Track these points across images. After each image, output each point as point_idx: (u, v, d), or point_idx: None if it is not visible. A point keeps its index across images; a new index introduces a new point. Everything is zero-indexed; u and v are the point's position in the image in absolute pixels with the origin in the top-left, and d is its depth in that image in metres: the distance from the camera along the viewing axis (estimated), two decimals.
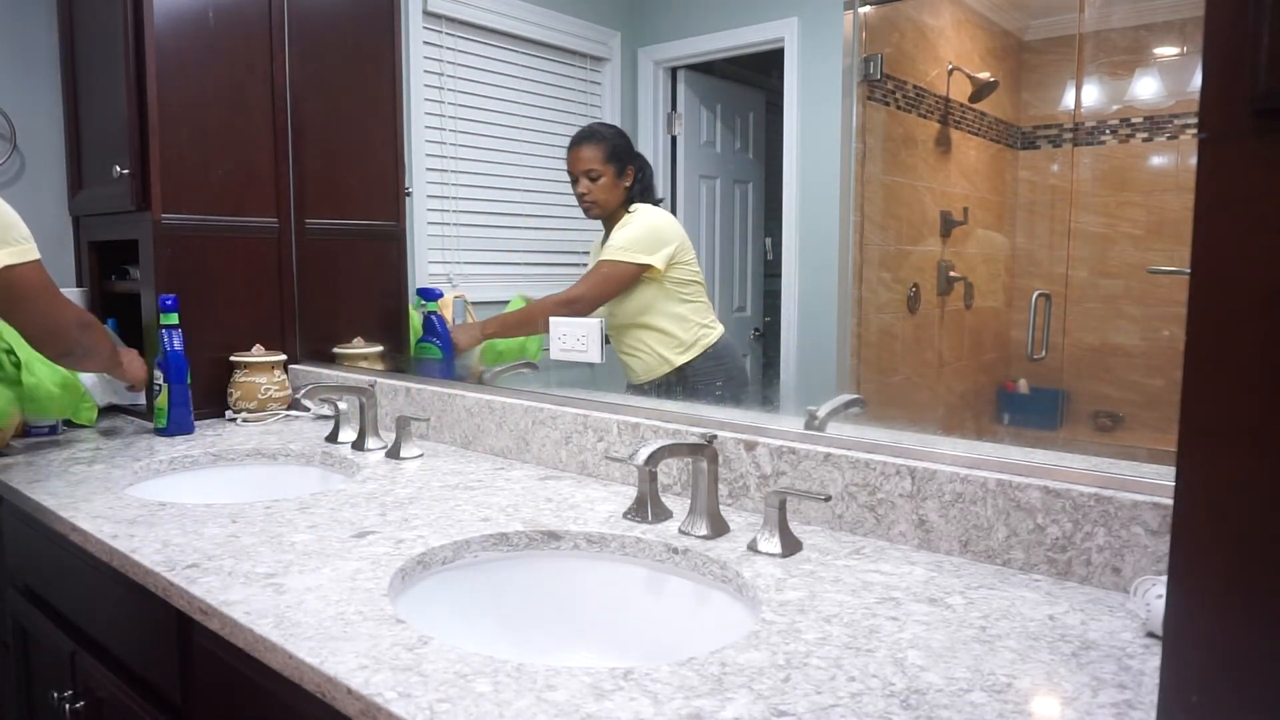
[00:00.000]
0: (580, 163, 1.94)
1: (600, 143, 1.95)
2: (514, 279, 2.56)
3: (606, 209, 1.93)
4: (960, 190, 1.84)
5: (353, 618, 0.93)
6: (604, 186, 1.92)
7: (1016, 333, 1.66)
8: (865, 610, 0.95)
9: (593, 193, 1.92)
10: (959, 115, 1.81)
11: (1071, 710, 0.75)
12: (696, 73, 2.69)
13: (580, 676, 0.80)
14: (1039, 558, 1.06)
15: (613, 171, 1.92)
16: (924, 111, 1.82)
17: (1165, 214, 1.59)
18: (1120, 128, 1.64)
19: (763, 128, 2.90)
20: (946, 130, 1.81)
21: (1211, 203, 0.46)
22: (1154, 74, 1.62)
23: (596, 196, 1.92)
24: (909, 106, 1.81)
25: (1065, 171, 1.70)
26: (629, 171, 1.95)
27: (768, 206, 2.93)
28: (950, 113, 1.81)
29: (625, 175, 1.94)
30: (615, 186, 1.93)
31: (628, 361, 1.93)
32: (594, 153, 1.93)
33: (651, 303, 1.87)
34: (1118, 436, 1.55)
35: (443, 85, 2.34)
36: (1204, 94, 0.45)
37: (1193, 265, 0.46)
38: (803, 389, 1.79)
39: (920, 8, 1.90)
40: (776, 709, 0.74)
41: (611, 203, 1.92)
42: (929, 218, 1.84)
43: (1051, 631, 0.90)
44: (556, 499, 1.39)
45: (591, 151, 1.94)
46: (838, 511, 1.23)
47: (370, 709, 0.77)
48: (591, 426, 1.54)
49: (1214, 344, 0.46)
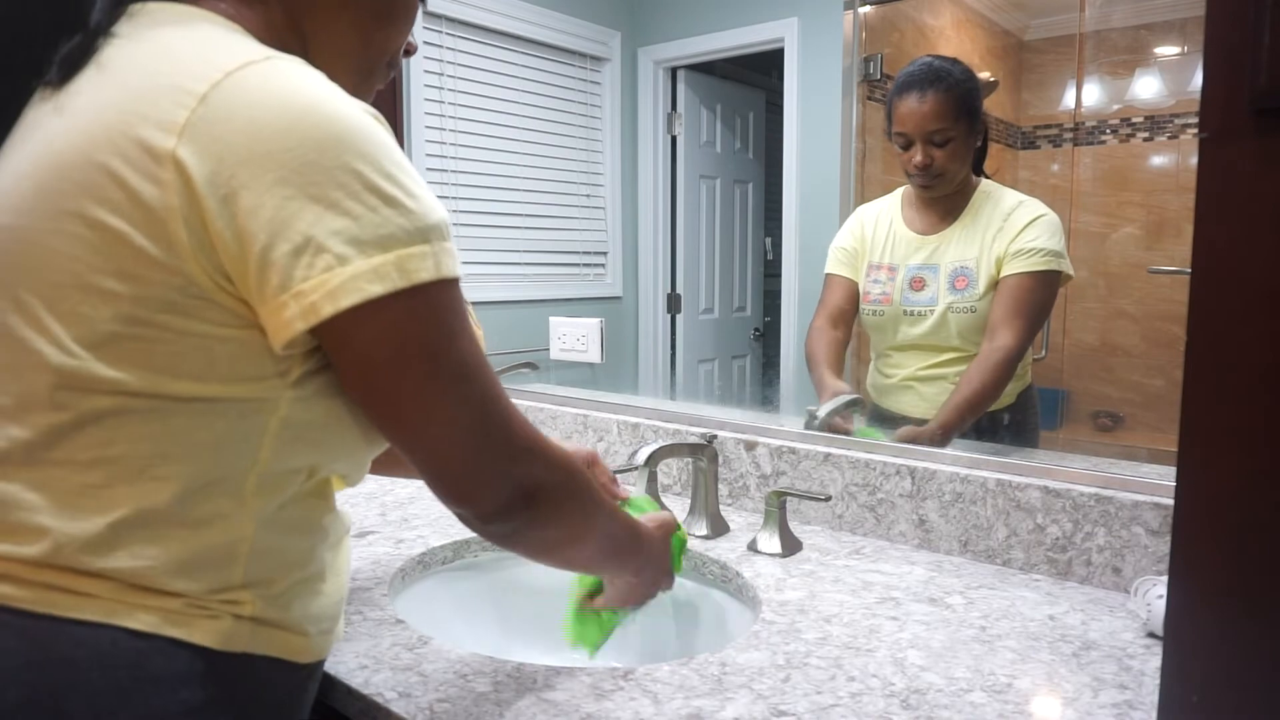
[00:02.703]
0: (920, 120, 1.32)
1: (951, 90, 1.32)
2: (514, 279, 2.56)
3: (953, 184, 1.35)
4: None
5: (353, 617, 0.93)
6: (955, 154, 1.32)
7: None
8: (865, 610, 0.95)
9: (939, 162, 1.32)
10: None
11: (1072, 710, 0.75)
12: (696, 73, 2.70)
13: (580, 676, 0.80)
14: (1039, 558, 1.06)
15: (964, 130, 1.32)
16: None
17: (1165, 214, 1.59)
18: (1120, 127, 1.64)
19: (763, 128, 2.91)
20: None
21: (1211, 203, 0.46)
22: (1154, 74, 1.62)
23: (945, 167, 1.32)
24: None
25: (1065, 171, 1.70)
26: (980, 126, 1.36)
27: (768, 206, 2.93)
28: None
29: (976, 132, 1.35)
30: (967, 152, 1.34)
31: (922, 392, 1.39)
32: (944, 105, 1.31)
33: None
34: (1118, 436, 1.55)
35: (443, 85, 2.34)
36: (1204, 94, 0.45)
37: (1193, 265, 0.46)
38: (803, 389, 1.79)
39: (920, 8, 1.90)
40: (776, 709, 0.74)
41: (960, 175, 1.35)
42: None
43: (1052, 631, 0.90)
44: None
45: (940, 103, 1.31)
46: (838, 511, 1.23)
47: (370, 709, 0.77)
48: (591, 426, 1.54)
49: (1214, 344, 0.46)
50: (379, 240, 0.53)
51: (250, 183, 0.51)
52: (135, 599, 0.56)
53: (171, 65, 0.55)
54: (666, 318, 2.71)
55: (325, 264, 0.52)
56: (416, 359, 0.56)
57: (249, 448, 0.58)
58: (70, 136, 0.55)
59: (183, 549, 0.57)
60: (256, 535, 0.59)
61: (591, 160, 2.72)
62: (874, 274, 1.42)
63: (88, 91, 0.57)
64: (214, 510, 0.57)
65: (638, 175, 2.74)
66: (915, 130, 1.32)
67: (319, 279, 0.52)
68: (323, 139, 0.53)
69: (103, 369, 0.54)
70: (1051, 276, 1.28)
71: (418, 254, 0.54)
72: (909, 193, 1.41)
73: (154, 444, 0.56)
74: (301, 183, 0.52)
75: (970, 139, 1.34)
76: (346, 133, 0.53)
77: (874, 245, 1.43)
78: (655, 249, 2.74)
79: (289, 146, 0.52)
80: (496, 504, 0.61)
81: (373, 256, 0.53)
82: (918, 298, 1.36)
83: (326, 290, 0.52)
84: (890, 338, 1.41)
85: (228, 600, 0.58)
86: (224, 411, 0.57)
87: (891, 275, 1.39)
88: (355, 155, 0.53)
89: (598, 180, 2.74)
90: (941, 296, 1.34)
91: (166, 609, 0.56)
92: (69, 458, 0.55)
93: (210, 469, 0.57)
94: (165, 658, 0.56)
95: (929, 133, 1.31)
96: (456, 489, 0.60)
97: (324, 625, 0.66)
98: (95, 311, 0.53)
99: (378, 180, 0.54)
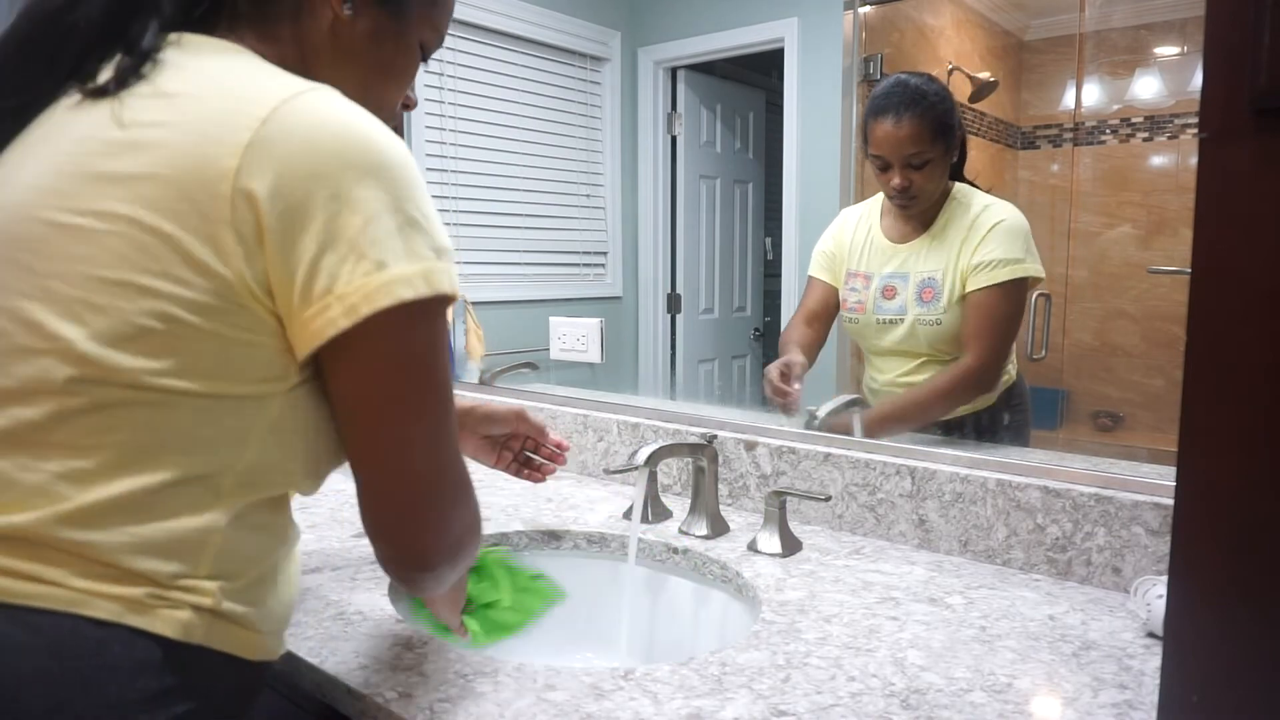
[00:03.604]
0: (897, 145, 1.31)
1: (927, 113, 1.31)
2: (514, 279, 2.56)
3: (930, 200, 1.36)
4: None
5: (353, 617, 0.93)
6: (932, 174, 1.32)
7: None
8: (865, 610, 0.95)
9: (917, 184, 1.32)
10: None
11: (1072, 710, 0.75)
12: (696, 73, 2.70)
13: (580, 676, 0.80)
14: (1039, 558, 1.06)
15: (942, 149, 1.32)
16: None
17: (1165, 214, 1.59)
18: (1120, 127, 1.64)
19: (763, 128, 2.91)
20: None
21: (1211, 203, 0.46)
22: (1154, 74, 1.62)
23: (923, 188, 1.33)
24: None
25: (1065, 171, 1.70)
26: (956, 141, 1.36)
27: (768, 206, 2.93)
28: None
29: (953, 149, 1.35)
30: (945, 169, 1.35)
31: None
32: (920, 128, 1.30)
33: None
34: (1118, 436, 1.55)
35: (443, 85, 2.34)
36: (1204, 94, 0.45)
37: (1193, 265, 0.46)
38: (803, 389, 1.79)
39: (920, 8, 1.90)
40: (776, 709, 0.74)
41: (936, 191, 1.35)
42: None
43: (1052, 631, 0.90)
44: (556, 499, 1.39)
45: (916, 127, 1.30)
46: (838, 511, 1.23)
47: (370, 709, 0.77)
48: (591, 426, 1.54)
49: (1214, 344, 0.46)
50: (410, 254, 0.60)
51: (306, 200, 0.58)
52: (98, 586, 0.57)
53: (229, 92, 0.61)
54: (666, 318, 2.71)
55: (365, 270, 0.58)
56: (417, 364, 0.62)
57: (238, 445, 0.61)
58: (133, 154, 0.59)
59: (158, 532, 0.59)
60: (227, 529, 0.61)
61: (591, 160, 2.72)
62: (852, 281, 1.44)
63: (150, 111, 0.61)
64: (195, 500, 0.60)
65: (638, 175, 2.74)
66: (892, 154, 1.32)
67: (360, 282, 0.58)
68: (372, 164, 0.60)
69: (125, 360, 0.57)
70: (1015, 285, 1.28)
71: (440, 269, 0.61)
72: (887, 201, 1.42)
73: (154, 434, 0.58)
74: (352, 200, 0.58)
75: (948, 156, 1.35)
76: (392, 162, 0.61)
77: (852, 251, 1.46)
78: (655, 249, 2.74)
79: (343, 167, 0.59)
80: (436, 551, 0.67)
81: (406, 267, 0.59)
82: (889, 306, 1.38)
83: (365, 293, 0.58)
84: (869, 343, 1.44)
85: (190, 589, 0.60)
86: (225, 409, 0.60)
87: (867, 283, 1.42)
88: (397, 182, 0.61)
89: (598, 180, 2.74)
90: (910, 307, 1.36)
91: (128, 598, 0.58)
92: (70, 441, 0.57)
93: (201, 462, 0.60)
94: (125, 646, 0.57)
95: (906, 156, 1.31)
96: (403, 526, 0.65)
97: (275, 626, 0.68)
98: (131, 304, 0.57)
99: (410, 207, 0.61)
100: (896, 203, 1.37)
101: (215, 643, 0.61)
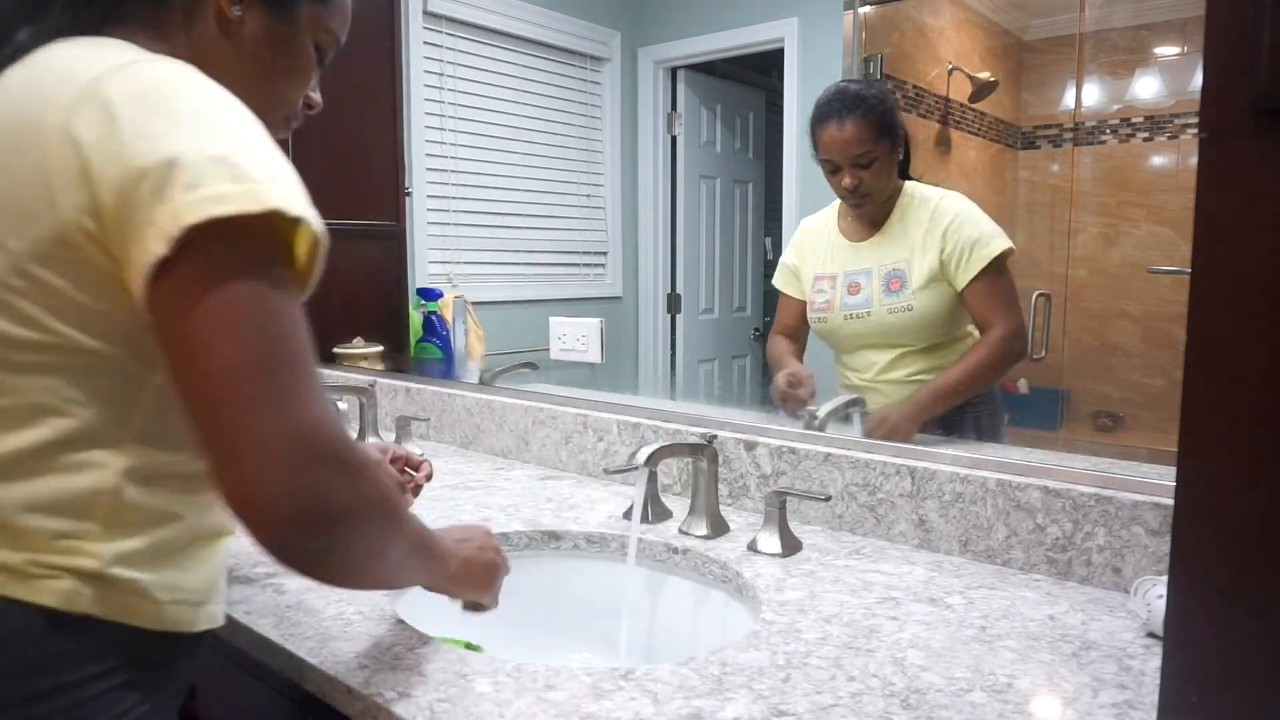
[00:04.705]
0: (843, 146, 1.38)
1: (868, 115, 1.38)
2: (514, 279, 2.56)
3: (882, 196, 1.42)
4: (960, 190, 1.85)
5: (353, 618, 0.93)
6: (880, 172, 1.39)
7: None
8: (865, 610, 0.95)
9: (867, 182, 1.39)
10: (959, 115, 1.81)
11: (1072, 710, 0.75)
12: (696, 73, 2.70)
13: (580, 676, 0.80)
14: (1039, 558, 1.06)
15: (887, 148, 1.39)
16: (924, 111, 1.82)
17: (1165, 214, 1.59)
18: (1120, 127, 1.64)
19: (763, 128, 2.91)
20: (946, 130, 1.81)
21: (1211, 203, 0.46)
22: (1154, 74, 1.62)
23: (873, 185, 1.39)
24: (909, 106, 1.81)
25: (1065, 171, 1.70)
26: (899, 139, 1.42)
27: (768, 206, 2.93)
28: (950, 113, 1.81)
29: (898, 147, 1.41)
30: (892, 167, 1.41)
31: (887, 393, 1.42)
32: (863, 129, 1.37)
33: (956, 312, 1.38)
34: (1118, 436, 1.55)
35: (443, 85, 2.34)
36: (1204, 94, 0.45)
37: (1193, 265, 0.46)
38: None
39: (920, 8, 1.90)
40: (776, 709, 0.74)
41: (887, 188, 1.42)
42: None
43: (1052, 631, 0.90)
44: (556, 499, 1.39)
45: (859, 129, 1.37)
46: (838, 511, 1.23)
47: (370, 709, 0.77)
48: (591, 426, 1.54)
49: (1214, 344, 0.46)
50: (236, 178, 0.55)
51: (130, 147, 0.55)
52: None
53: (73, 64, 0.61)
54: (666, 318, 2.71)
55: (178, 192, 0.54)
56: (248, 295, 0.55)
57: (126, 405, 0.61)
58: None
59: (45, 488, 0.59)
60: (120, 489, 0.61)
61: (591, 160, 2.72)
62: (819, 284, 1.50)
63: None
64: (86, 459, 0.60)
65: (638, 175, 2.74)
66: (839, 156, 1.39)
67: (173, 206, 0.54)
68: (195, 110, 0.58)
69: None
70: (1001, 258, 1.34)
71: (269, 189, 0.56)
72: (843, 204, 1.48)
73: (39, 395, 0.59)
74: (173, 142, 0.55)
75: (893, 154, 1.41)
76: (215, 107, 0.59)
77: (816, 256, 1.52)
78: (655, 249, 2.74)
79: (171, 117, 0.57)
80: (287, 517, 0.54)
81: (228, 186, 0.54)
82: (854, 300, 1.44)
83: (173, 212, 0.53)
84: (839, 340, 1.48)
85: (74, 550, 0.60)
86: (106, 370, 0.60)
87: (833, 283, 1.47)
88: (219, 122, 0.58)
89: (598, 180, 2.74)
90: (876, 298, 1.41)
91: (9, 566, 0.58)
92: None
93: (89, 422, 0.60)
94: (3, 618, 0.58)
95: (853, 156, 1.38)
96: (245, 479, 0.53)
97: (179, 595, 0.65)
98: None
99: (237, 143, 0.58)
100: (850, 202, 1.44)
101: (105, 612, 0.61)
